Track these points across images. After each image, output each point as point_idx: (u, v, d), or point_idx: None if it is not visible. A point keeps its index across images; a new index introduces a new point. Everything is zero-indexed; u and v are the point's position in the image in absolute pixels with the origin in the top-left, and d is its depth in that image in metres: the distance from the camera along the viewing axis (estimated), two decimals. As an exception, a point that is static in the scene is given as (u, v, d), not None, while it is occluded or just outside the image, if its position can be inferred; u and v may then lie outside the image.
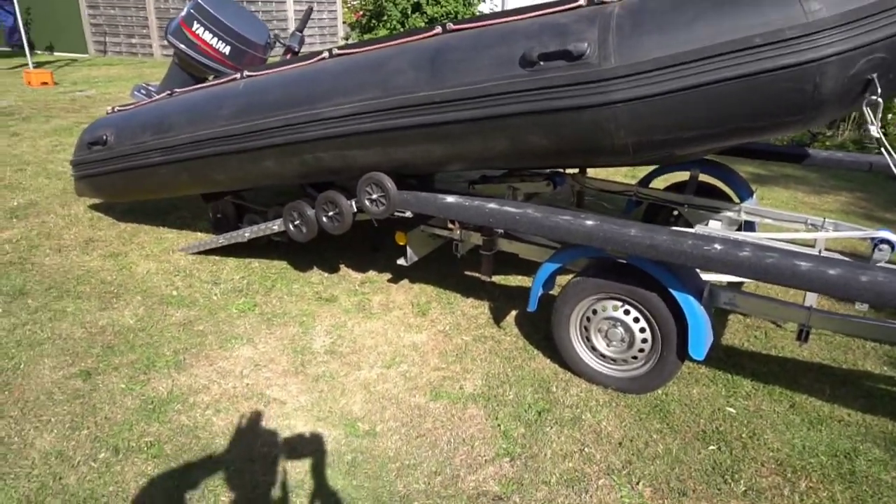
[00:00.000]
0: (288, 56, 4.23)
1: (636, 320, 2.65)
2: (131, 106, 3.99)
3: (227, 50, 3.95)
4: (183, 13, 3.95)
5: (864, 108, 2.14)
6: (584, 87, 2.27)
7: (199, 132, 3.32)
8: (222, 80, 3.47)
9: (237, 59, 3.97)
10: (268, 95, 3.10)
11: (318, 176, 3.19)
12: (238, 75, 3.38)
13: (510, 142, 2.54)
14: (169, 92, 3.80)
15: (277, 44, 4.31)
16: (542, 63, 2.33)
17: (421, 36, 2.77)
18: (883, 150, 2.30)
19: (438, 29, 2.73)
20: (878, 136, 2.13)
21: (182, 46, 3.93)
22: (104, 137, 3.79)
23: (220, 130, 3.23)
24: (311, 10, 4.53)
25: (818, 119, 2.16)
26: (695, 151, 2.60)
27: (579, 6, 2.40)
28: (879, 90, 2.06)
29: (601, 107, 2.28)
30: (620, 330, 2.69)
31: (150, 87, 4.38)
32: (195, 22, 3.88)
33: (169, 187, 3.79)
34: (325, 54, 3.08)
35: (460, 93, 2.51)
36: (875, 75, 2.04)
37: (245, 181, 3.46)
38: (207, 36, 3.90)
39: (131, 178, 3.79)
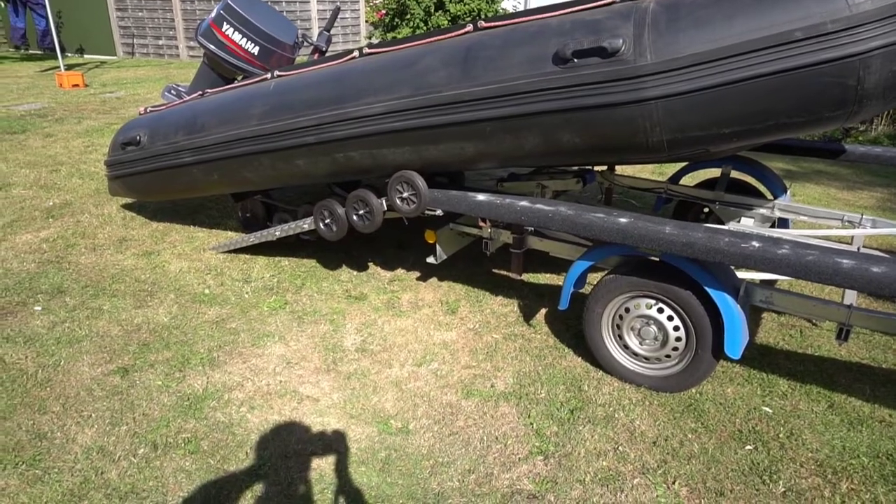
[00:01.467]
0: (316, 56, 4.26)
1: (670, 318, 2.63)
2: (163, 107, 4.05)
3: (256, 50, 3.98)
4: (212, 14, 4.00)
5: (908, 103, 2.09)
6: (618, 83, 2.26)
7: (231, 132, 3.35)
8: (253, 81, 3.51)
9: (266, 60, 4.00)
10: (299, 95, 3.12)
11: (349, 175, 3.21)
12: (268, 75, 3.41)
13: (543, 139, 2.53)
14: (200, 92, 3.85)
15: (305, 43, 4.34)
16: (575, 60, 2.32)
17: (452, 34, 2.76)
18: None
19: (470, 27, 2.72)
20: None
21: (212, 47, 3.98)
22: (138, 138, 3.85)
23: (251, 130, 3.26)
24: (338, 10, 4.56)
25: (860, 114, 2.12)
26: (730, 148, 2.56)
27: (613, 2, 2.38)
28: (925, 84, 2.01)
29: (636, 104, 2.26)
30: (653, 328, 2.67)
31: (180, 88, 4.44)
32: (225, 23, 3.92)
33: (201, 187, 3.84)
34: (356, 53, 3.09)
35: (493, 90, 2.51)
36: (920, 68, 1.99)
37: (276, 180, 3.49)
38: (237, 37, 3.94)
39: (164, 177, 3.85)
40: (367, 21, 14.11)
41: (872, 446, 2.40)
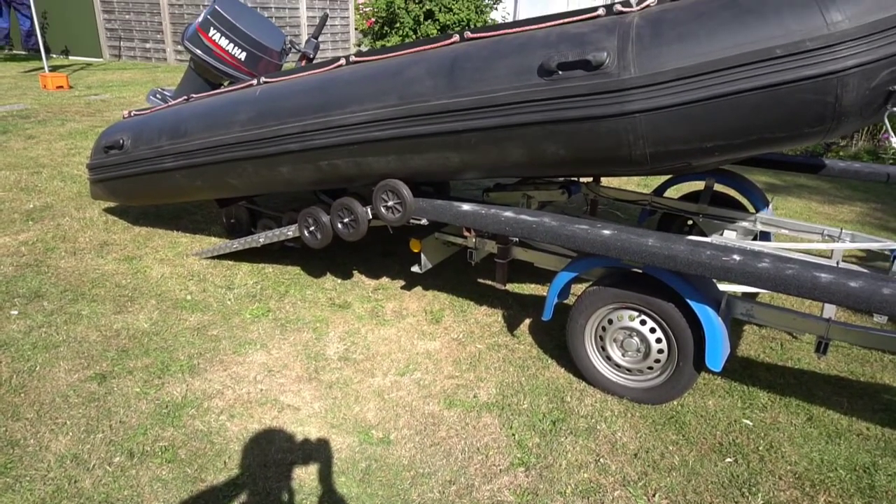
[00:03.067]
0: (303, 62, 4.25)
1: (652, 330, 2.64)
2: (147, 111, 4.02)
3: (243, 56, 3.97)
4: (200, 19, 3.98)
5: (885, 120, 2.13)
6: (602, 96, 2.27)
7: (216, 138, 3.33)
8: (239, 87, 3.49)
9: (253, 65, 3.99)
10: (284, 102, 3.11)
11: (334, 183, 3.20)
12: (255, 81, 3.40)
13: (527, 151, 2.54)
14: (185, 97, 3.82)
15: (293, 50, 4.34)
16: (560, 72, 2.33)
17: (438, 44, 2.77)
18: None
19: (456, 37, 2.73)
20: (898, 147, 2.12)
21: (198, 52, 3.96)
22: (121, 141, 3.82)
23: (236, 136, 3.24)
24: (326, 16, 4.56)
25: (838, 130, 2.15)
26: (712, 162, 2.59)
27: (598, 16, 2.40)
28: (902, 102, 2.05)
29: (619, 117, 2.28)
30: (636, 340, 2.67)
31: (165, 93, 4.41)
32: (212, 28, 3.91)
33: (184, 192, 3.81)
34: (342, 61, 3.09)
35: (477, 101, 2.51)
36: (897, 87, 2.03)
37: (260, 187, 3.47)
38: (224, 42, 3.92)
39: (147, 182, 3.81)
40: (356, 28, 14.13)
41: (850, 459, 2.42)
